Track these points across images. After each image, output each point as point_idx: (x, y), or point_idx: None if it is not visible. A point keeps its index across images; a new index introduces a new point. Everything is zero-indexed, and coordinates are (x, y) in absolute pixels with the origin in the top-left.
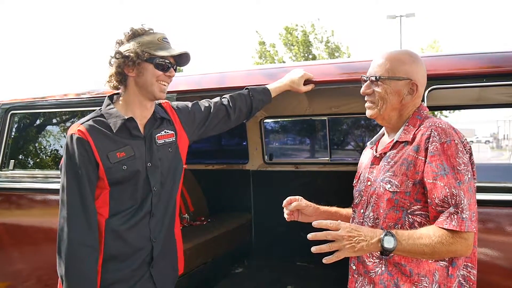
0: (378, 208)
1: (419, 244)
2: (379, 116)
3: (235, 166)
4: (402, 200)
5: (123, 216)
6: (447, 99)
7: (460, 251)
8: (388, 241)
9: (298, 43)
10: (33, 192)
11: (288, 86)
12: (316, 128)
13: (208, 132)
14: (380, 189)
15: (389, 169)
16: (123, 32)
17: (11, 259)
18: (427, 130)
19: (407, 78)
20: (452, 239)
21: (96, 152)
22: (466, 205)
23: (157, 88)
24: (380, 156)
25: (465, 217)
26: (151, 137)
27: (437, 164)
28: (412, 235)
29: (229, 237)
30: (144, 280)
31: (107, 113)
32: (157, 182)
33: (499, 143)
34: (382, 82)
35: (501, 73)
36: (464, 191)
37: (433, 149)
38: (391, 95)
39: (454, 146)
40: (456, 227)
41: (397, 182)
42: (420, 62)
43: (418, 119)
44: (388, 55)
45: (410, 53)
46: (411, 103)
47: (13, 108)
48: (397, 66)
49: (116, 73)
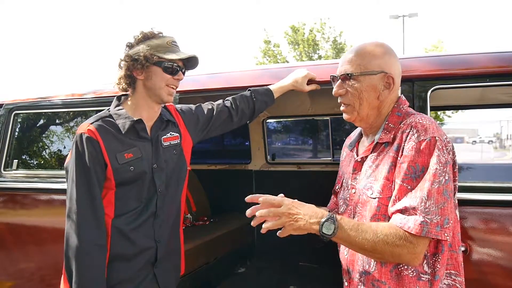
0: (362, 218)
1: (361, 238)
2: (357, 117)
3: (238, 166)
4: (384, 206)
5: (129, 216)
6: (450, 99)
7: (405, 257)
8: (327, 227)
9: (303, 42)
10: (37, 192)
11: (291, 86)
12: (318, 128)
13: (211, 133)
14: (363, 196)
15: (371, 173)
16: (133, 35)
17: (15, 259)
18: (407, 127)
19: (381, 71)
20: (400, 241)
21: (105, 152)
22: (430, 208)
23: (165, 92)
24: (361, 160)
25: (423, 221)
26: (158, 139)
27: (410, 165)
28: (358, 227)
29: (232, 237)
30: (148, 280)
31: (116, 113)
32: (162, 184)
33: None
34: (355, 79)
35: (505, 73)
36: (432, 192)
37: (408, 149)
38: (366, 92)
39: (433, 143)
40: (410, 230)
41: (379, 187)
42: (393, 53)
43: (398, 116)
44: (358, 50)
45: (381, 45)
46: (388, 98)
47: (17, 108)
48: (369, 60)
49: (125, 76)
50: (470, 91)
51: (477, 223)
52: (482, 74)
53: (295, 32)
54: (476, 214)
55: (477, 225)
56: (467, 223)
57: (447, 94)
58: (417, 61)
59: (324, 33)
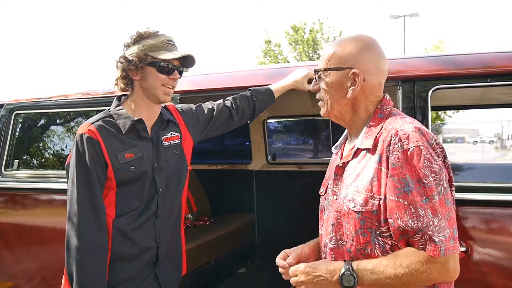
0: (342, 229)
1: (384, 278)
2: (330, 114)
3: (238, 166)
4: (369, 220)
5: (130, 216)
6: (451, 99)
7: (438, 278)
8: (347, 280)
9: (303, 42)
10: (38, 192)
11: (292, 85)
12: (319, 128)
13: (211, 133)
14: (343, 207)
15: (351, 182)
16: (130, 35)
17: (15, 259)
18: (387, 135)
19: (347, 67)
20: (425, 267)
21: (105, 152)
22: (439, 225)
23: (161, 92)
24: (343, 165)
25: (438, 241)
26: (158, 139)
27: (399, 178)
28: (375, 268)
29: (232, 237)
30: (150, 280)
31: (116, 113)
32: (163, 183)
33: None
34: (323, 74)
35: (506, 72)
36: (435, 209)
37: (394, 160)
38: (332, 88)
39: (418, 153)
40: (429, 252)
41: (361, 201)
42: (370, 48)
43: (380, 118)
44: (333, 44)
45: (357, 39)
46: (361, 97)
47: (17, 108)
48: (339, 55)
49: (121, 77)
50: (471, 91)
51: (478, 223)
52: (483, 74)
53: (296, 31)
54: (477, 214)
55: (478, 225)
56: (468, 223)
57: (448, 94)
58: (418, 61)
59: (323, 33)
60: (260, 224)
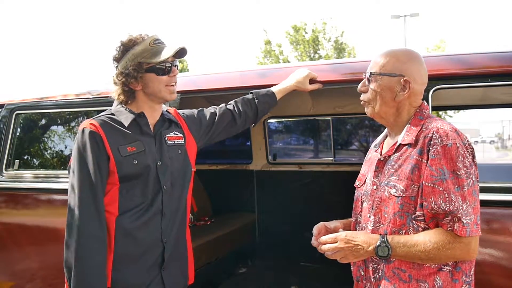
0: (381, 212)
1: (414, 251)
2: (375, 114)
3: (239, 166)
4: (407, 205)
5: (134, 213)
6: (452, 99)
7: (460, 256)
8: (382, 250)
9: (304, 42)
10: (38, 192)
11: (293, 86)
12: (320, 128)
13: (215, 137)
14: (384, 193)
15: (393, 173)
16: (115, 47)
17: (16, 259)
18: (429, 132)
19: (400, 74)
20: (451, 245)
21: (107, 145)
22: (467, 210)
23: (166, 92)
24: (384, 159)
25: (466, 223)
26: (161, 136)
27: (437, 168)
28: (407, 242)
29: (233, 237)
30: (155, 283)
31: (118, 111)
32: (168, 181)
33: (504, 143)
34: (375, 78)
35: (507, 73)
36: (465, 196)
37: (434, 152)
38: (383, 91)
39: (455, 149)
40: (457, 232)
41: (402, 187)
42: (419, 61)
43: (420, 119)
44: (386, 53)
45: (408, 52)
46: (406, 101)
47: (18, 108)
48: (391, 63)
49: (123, 91)
50: (472, 91)
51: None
52: (483, 74)
53: (297, 31)
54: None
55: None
56: None
57: (448, 94)
58: None
59: (325, 33)
60: (260, 224)
